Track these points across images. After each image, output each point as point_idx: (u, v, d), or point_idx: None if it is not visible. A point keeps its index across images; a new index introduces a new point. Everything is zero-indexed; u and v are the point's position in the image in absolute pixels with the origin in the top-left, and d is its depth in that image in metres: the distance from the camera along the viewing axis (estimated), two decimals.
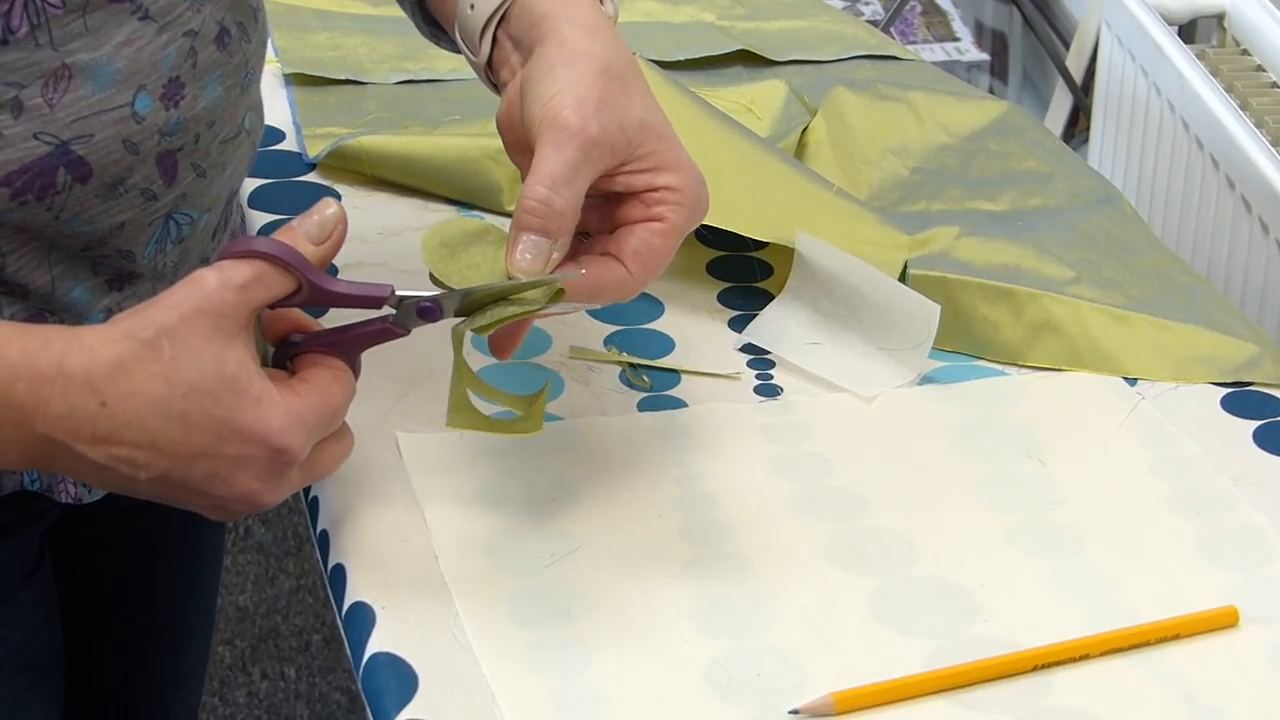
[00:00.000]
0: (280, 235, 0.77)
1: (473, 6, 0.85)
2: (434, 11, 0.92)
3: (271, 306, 0.77)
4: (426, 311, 0.79)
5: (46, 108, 0.77)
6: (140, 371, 0.71)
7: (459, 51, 0.90)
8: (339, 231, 0.78)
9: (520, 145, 0.83)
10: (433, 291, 0.79)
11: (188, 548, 1.13)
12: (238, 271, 0.74)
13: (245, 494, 0.74)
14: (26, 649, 0.93)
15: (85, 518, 0.94)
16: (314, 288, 0.77)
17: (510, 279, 0.79)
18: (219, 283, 0.73)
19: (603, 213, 0.83)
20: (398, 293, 0.78)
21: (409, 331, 0.79)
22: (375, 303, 0.78)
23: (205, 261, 0.91)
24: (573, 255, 0.81)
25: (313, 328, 0.79)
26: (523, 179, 0.81)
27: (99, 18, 0.78)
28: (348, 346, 0.78)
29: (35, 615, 0.94)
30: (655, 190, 0.81)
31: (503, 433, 0.83)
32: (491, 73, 0.87)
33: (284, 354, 0.79)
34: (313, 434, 0.75)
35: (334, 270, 1.05)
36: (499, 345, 0.82)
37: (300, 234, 0.77)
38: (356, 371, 0.79)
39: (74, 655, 1.03)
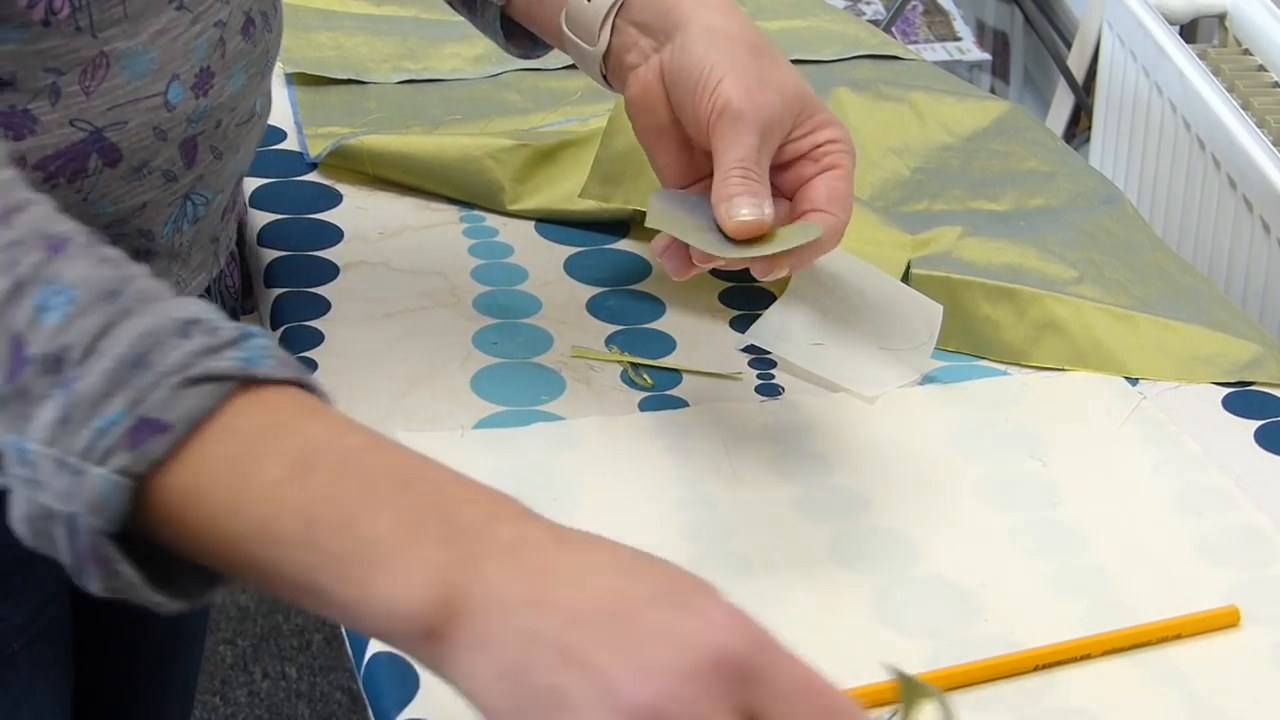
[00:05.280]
0: None
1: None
2: (520, 17, 0.93)
3: None
4: None
5: (83, 95, 0.79)
6: None
7: (529, 56, 0.95)
8: None
9: (657, 128, 0.85)
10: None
11: None
12: None
13: None
14: (41, 617, 0.94)
15: None
16: None
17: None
18: None
19: (776, 191, 0.85)
20: None
21: None
22: None
23: (215, 241, 0.94)
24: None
25: None
26: (652, 162, 0.86)
27: (138, 4, 0.80)
28: None
29: (46, 586, 0.95)
30: (820, 145, 0.84)
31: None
32: (607, 61, 0.88)
33: None
34: None
35: (335, 272, 1.05)
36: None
37: None
38: None
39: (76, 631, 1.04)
